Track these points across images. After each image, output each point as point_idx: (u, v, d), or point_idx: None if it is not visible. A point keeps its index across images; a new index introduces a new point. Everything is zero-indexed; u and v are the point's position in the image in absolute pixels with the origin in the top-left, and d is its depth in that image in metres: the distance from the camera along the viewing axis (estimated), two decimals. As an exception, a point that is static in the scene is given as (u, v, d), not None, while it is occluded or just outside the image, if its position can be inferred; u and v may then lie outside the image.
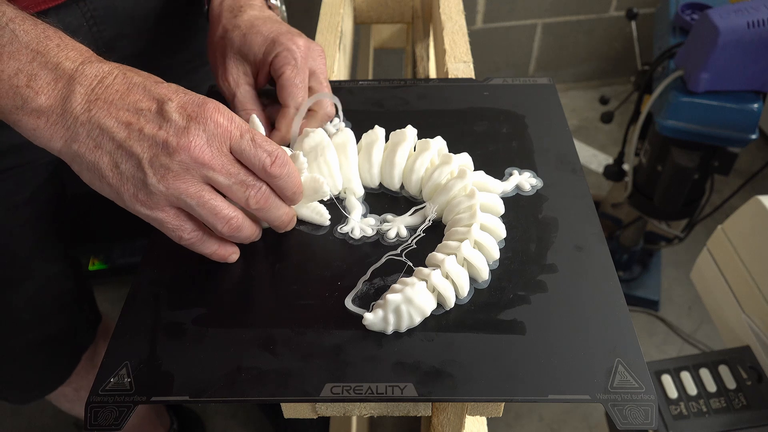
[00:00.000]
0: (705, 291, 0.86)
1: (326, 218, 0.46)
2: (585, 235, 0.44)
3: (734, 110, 0.97)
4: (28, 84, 0.36)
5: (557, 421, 1.21)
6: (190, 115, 0.38)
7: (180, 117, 0.37)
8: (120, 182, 0.38)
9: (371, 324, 0.38)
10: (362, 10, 0.86)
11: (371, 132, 0.49)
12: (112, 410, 0.35)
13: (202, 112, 0.38)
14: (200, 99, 0.39)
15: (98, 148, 0.37)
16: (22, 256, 0.70)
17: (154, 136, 0.37)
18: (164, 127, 0.37)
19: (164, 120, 0.37)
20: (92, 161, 0.37)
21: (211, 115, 0.38)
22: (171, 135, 0.37)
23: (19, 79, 0.36)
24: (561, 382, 0.35)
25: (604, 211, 1.38)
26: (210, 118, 0.38)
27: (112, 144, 0.37)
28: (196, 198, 0.38)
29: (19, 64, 0.36)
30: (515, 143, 0.51)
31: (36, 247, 0.71)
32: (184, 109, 0.38)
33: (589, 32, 1.92)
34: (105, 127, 0.37)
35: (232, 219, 0.40)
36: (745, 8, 0.89)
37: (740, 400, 0.70)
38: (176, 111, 0.38)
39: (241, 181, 0.39)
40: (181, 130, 0.37)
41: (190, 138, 0.37)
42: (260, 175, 0.40)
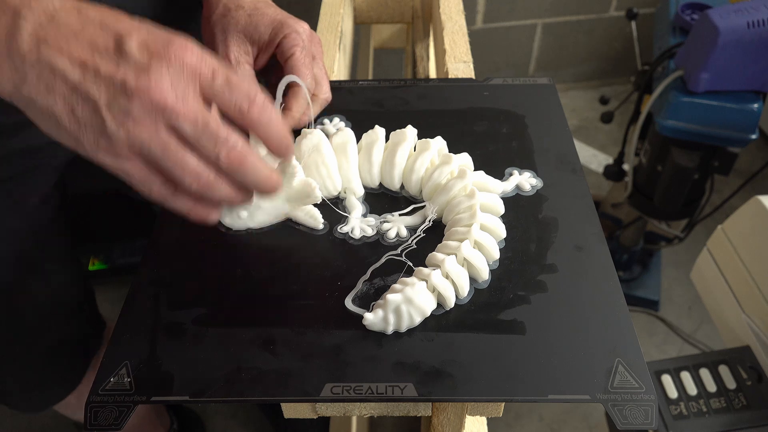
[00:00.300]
0: (705, 291, 0.86)
1: (320, 222, 0.45)
2: (585, 235, 0.44)
3: (734, 110, 0.97)
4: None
5: (557, 421, 1.21)
6: (153, 52, 0.33)
7: (141, 54, 0.33)
8: (78, 129, 0.34)
9: (371, 324, 0.38)
10: (362, 10, 0.86)
11: (371, 132, 0.49)
12: (112, 410, 0.35)
13: (166, 49, 0.33)
14: (166, 35, 0.34)
15: (51, 91, 0.33)
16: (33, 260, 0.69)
17: (111, 76, 0.33)
18: (122, 66, 0.33)
19: (123, 58, 0.33)
20: (46, 106, 0.33)
21: (177, 53, 0.33)
22: (130, 75, 0.33)
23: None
24: (561, 382, 0.35)
25: (604, 211, 1.39)
26: (175, 56, 0.33)
27: (65, 86, 0.33)
28: (159, 147, 0.34)
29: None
30: (515, 143, 0.51)
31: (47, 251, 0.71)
32: (146, 46, 0.33)
33: (589, 32, 1.92)
34: (57, 68, 0.33)
35: (202, 175, 0.36)
36: (745, 8, 0.89)
37: (740, 400, 0.70)
38: (137, 48, 0.33)
39: (211, 132, 0.34)
40: (141, 69, 0.33)
41: (151, 78, 0.33)
42: (237, 120, 0.36)
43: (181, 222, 0.46)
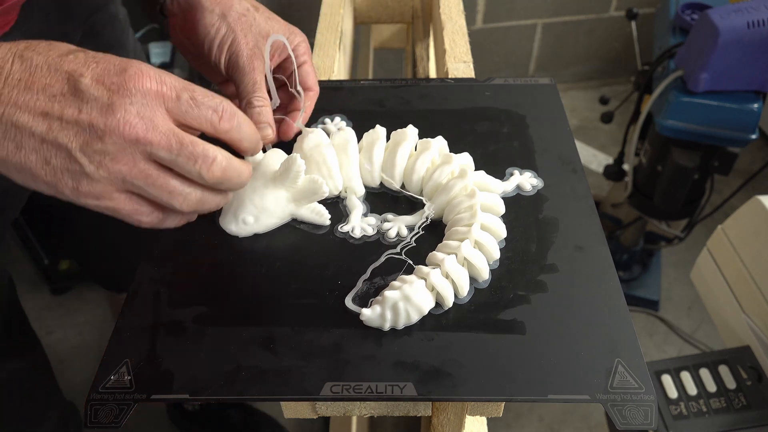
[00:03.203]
0: (705, 291, 0.86)
1: (326, 218, 0.46)
2: (585, 235, 0.44)
3: (734, 110, 0.97)
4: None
5: (557, 421, 1.21)
6: (111, 87, 0.33)
7: (99, 92, 0.33)
8: (55, 178, 0.33)
9: (368, 320, 0.38)
10: (362, 10, 0.86)
11: (372, 131, 0.49)
12: (112, 408, 0.35)
13: (123, 81, 0.33)
14: (117, 65, 0.33)
15: (20, 147, 0.33)
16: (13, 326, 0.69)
17: (76, 121, 0.32)
18: (85, 110, 0.32)
19: (82, 100, 0.32)
20: (18, 163, 0.33)
21: (136, 83, 0.33)
22: (95, 116, 0.32)
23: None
24: (561, 382, 0.35)
25: (604, 211, 1.39)
26: (135, 87, 0.33)
27: (33, 140, 0.32)
28: (143, 178, 0.34)
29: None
30: (516, 143, 0.51)
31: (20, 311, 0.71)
32: (101, 81, 0.33)
33: (589, 32, 1.92)
34: (20, 124, 0.32)
35: (189, 195, 0.36)
36: (745, 8, 0.89)
37: (740, 400, 0.70)
38: (93, 86, 0.33)
39: (187, 153, 0.34)
40: (105, 108, 0.32)
41: (117, 116, 0.32)
42: (209, 133, 0.36)
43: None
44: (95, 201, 0.35)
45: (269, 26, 0.51)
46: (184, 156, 0.34)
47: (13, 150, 0.33)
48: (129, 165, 0.34)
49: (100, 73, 0.33)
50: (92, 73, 0.33)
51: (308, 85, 0.52)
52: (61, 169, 0.33)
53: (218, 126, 0.36)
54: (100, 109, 0.33)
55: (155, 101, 0.34)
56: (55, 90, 0.33)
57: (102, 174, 0.33)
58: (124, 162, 0.33)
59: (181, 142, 0.34)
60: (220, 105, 0.36)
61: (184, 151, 0.34)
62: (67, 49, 0.34)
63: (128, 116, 0.33)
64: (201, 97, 0.35)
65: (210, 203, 0.38)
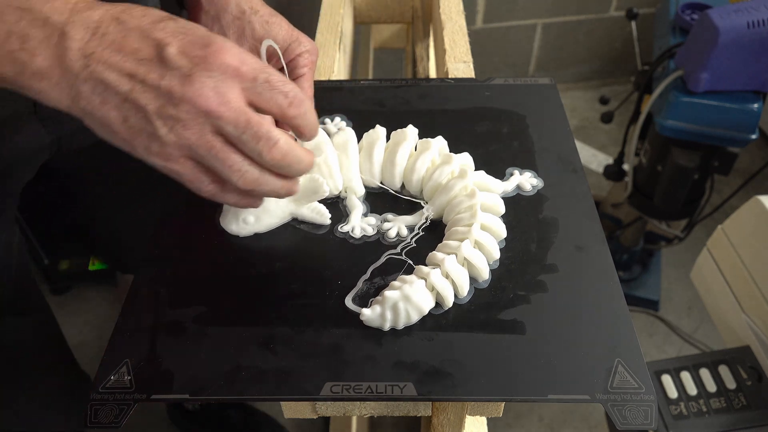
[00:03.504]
0: (705, 291, 0.86)
1: (327, 217, 0.46)
2: (585, 235, 0.44)
3: (734, 110, 0.97)
4: (22, 47, 0.34)
5: (557, 421, 1.21)
6: (193, 59, 0.35)
7: (182, 61, 0.35)
8: (131, 136, 0.36)
9: (368, 320, 0.38)
10: (362, 10, 0.86)
11: (372, 131, 0.49)
12: (113, 408, 0.35)
13: (206, 55, 0.35)
14: (203, 38, 0.35)
15: (105, 103, 0.35)
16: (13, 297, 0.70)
17: (157, 86, 0.35)
18: (167, 77, 0.35)
19: (166, 68, 0.35)
20: (101, 117, 0.35)
21: (217, 58, 0.35)
22: (175, 84, 0.34)
23: (12, 43, 0.34)
24: (561, 382, 0.35)
25: (604, 211, 1.39)
26: (216, 61, 0.35)
27: (117, 98, 0.35)
28: (206, 149, 0.36)
29: (8, 26, 0.34)
30: (516, 143, 0.51)
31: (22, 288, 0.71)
32: (186, 52, 0.35)
33: (589, 32, 1.92)
34: (108, 81, 0.35)
35: (247, 173, 0.37)
36: (745, 8, 0.89)
37: (740, 400, 0.70)
38: (177, 55, 0.35)
39: (252, 131, 0.36)
40: (184, 77, 0.34)
41: (195, 86, 0.34)
42: (277, 116, 0.38)
43: (181, 221, 0.47)
44: (162, 162, 0.37)
45: (266, 30, 0.49)
46: (249, 134, 0.36)
47: (98, 104, 0.35)
48: (197, 134, 0.35)
49: (186, 44, 0.35)
50: (179, 43, 0.35)
51: None
52: (137, 128, 0.35)
53: (286, 111, 0.37)
54: (180, 79, 0.34)
55: (232, 78, 0.35)
56: (143, 55, 0.35)
57: (171, 138, 0.35)
58: (193, 131, 0.35)
59: (248, 120, 0.36)
60: (291, 91, 0.37)
61: (249, 129, 0.36)
62: (159, 17, 0.36)
63: (204, 89, 0.34)
64: (276, 81, 0.37)
65: (269, 185, 0.39)
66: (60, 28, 0.34)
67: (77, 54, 0.34)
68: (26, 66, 0.34)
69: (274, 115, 0.38)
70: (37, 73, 0.35)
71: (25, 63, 0.34)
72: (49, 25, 0.34)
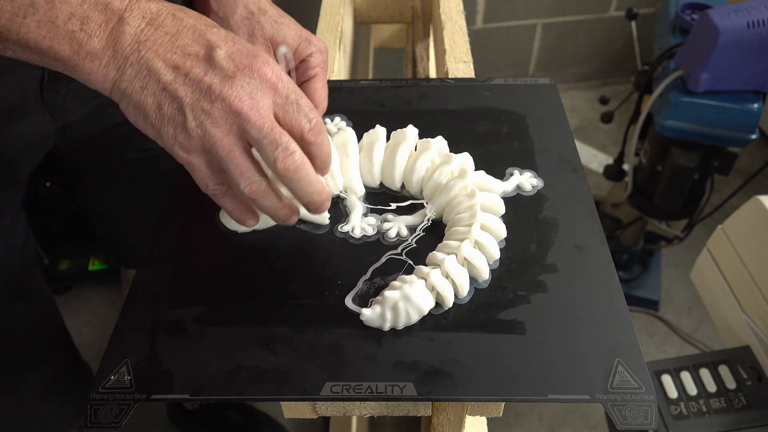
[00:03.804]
0: (705, 291, 0.86)
1: (326, 217, 0.46)
2: (585, 235, 0.44)
3: (734, 110, 0.97)
4: (81, 28, 0.36)
5: (557, 421, 1.21)
6: (239, 65, 0.37)
7: (227, 64, 0.37)
8: (161, 123, 0.37)
9: (368, 320, 0.38)
10: (362, 10, 0.86)
11: (372, 131, 0.49)
12: (112, 408, 0.35)
13: (250, 63, 0.37)
14: (251, 50, 0.38)
15: (144, 89, 0.37)
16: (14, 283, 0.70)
17: (199, 81, 0.37)
18: (210, 74, 0.37)
19: (211, 66, 0.37)
20: (138, 101, 0.37)
21: (260, 69, 0.37)
22: (216, 82, 0.37)
23: (73, 24, 0.36)
24: (561, 382, 0.35)
25: (604, 211, 1.39)
26: (258, 72, 0.37)
27: (157, 86, 0.37)
28: (227, 150, 0.37)
29: (71, 7, 0.36)
30: (516, 143, 0.51)
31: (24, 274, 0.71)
32: (233, 58, 0.37)
33: (589, 32, 1.92)
34: (153, 69, 0.36)
35: (254, 182, 0.39)
36: (745, 8, 0.89)
37: (740, 400, 0.70)
38: (224, 58, 0.37)
39: (274, 139, 0.38)
40: (226, 78, 0.37)
41: (234, 88, 0.37)
42: (296, 138, 0.39)
43: (181, 221, 0.47)
44: (184, 153, 0.38)
45: (276, 30, 0.50)
46: (270, 139, 0.37)
47: (138, 89, 0.37)
48: (223, 132, 0.37)
49: (234, 51, 0.37)
50: (228, 48, 0.37)
51: (315, 101, 0.50)
52: (168, 117, 0.37)
53: (306, 135, 0.39)
54: (222, 78, 0.37)
55: (268, 90, 0.38)
56: (192, 51, 0.37)
57: (198, 132, 0.37)
58: (221, 129, 0.37)
59: (272, 127, 0.38)
60: (315, 118, 0.40)
61: (271, 135, 0.37)
62: (212, 22, 0.39)
63: (241, 92, 0.37)
64: (304, 105, 0.39)
65: (271, 202, 0.40)
66: (119, 13, 0.36)
67: (131, 38, 0.36)
68: (82, 46, 0.36)
69: (294, 135, 0.39)
70: (90, 53, 0.36)
71: (81, 43, 0.36)
72: (110, 10, 0.36)
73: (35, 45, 0.36)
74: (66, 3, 0.35)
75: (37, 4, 0.35)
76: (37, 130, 0.60)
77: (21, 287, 0.71)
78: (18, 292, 0.70)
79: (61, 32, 0.36)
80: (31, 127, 0.60)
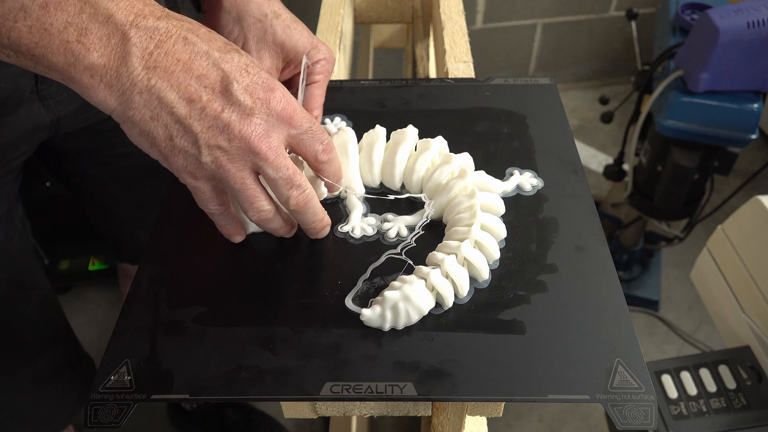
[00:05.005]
0: (705, 291, 0.86)
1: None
2: (585, 235, 0.44)
3: (734, 110, 0.97)
4: (78, 39, 0.33)
5: (557, 421, 1.21)
6: (257, 100, 0.36)
7: (246, 100, 0.36)
8: (171, 153, 0.36)
9: (368, 320, 0.38)
10: (362, 10, 0.86)
11: (372, 131, 0.49)
12: (112, 408, 0.35)
13: (268, 99, 0.37)
14: (267, 82, 0.37)
15: (155, 119, 0.35)
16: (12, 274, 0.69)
17: (216, 117, 0.36)
18: (227, 110, 0.36)
19: (228, 102, 0.36)
20: (147, 130, 0.36)
21: (278, 104, 0.37)
22: (234, 119, 0.36)
23: (69, 34, 0.33)
24: (561, 382, 0.35)
25: (604, 211, 1.39)
26: (275, 108, 0.37)
27: (170, 118, 0.35)
28: (239, 183, 0.38)
29: (68, 16, 0.33)
30: (516, 143, 0.51)
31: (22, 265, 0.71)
32: (250, 92, 0.36)
33: (589, 32, 1.92)
34: (166, 101, 0.35)
35: (263, 212, 0.39)
36: (745, 8, 0.89)
37: (740, 400, 0.70)
38: (243, 93, 0.36)
39: (288, 177, 0.38)
40: (244, 116, 0.36)
41: (252, 126, 0.36)
42: (310, 161, 0.41)
43: (181, 221, 0.47)
44: (191, 179, 0.38)
45: (288, 36, 0.50)
46: (285, 178, 0.38)
47: (147, 118, 0.35)
48: (237, 168, 0.37)
49: (251, 84, 0.37)
50: (245, 81, 0.36)
51: (309, 107, 0.51)
52: (180, 148, 0.36)
53: (320, 156, 0.40)
54: (240, 114, 0.36)
55: (285, 125, 0.38)
56: (208, 82, 0.36)
57: (212, 167, 0.37)
58: (236, 165, 0.37)
59: (287, 167, 0.38)
60: (326, 139, 0.41)
61: (286, 174, 0.38)
62: (224, 43, 0.37)
63: (260, 129, 0.36)
64: (317, 131, 0.40)
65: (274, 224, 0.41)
66: (122, 29, 0.34)
67: (139, 62, 0.34)
68: (79, 59, 0.34)
69: (308, 159, 0.41)
70: (89, 68, 0.34)
71: (78, 56, 0.34)
72: (112, 24, 0.34)
73: (27, 51, 0.34)
74: (62, 10, 0.33)
75: (30, 9, 0.33)
76: (30, 121, 0.60)
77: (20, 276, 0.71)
78: (17, 281, 0.70)
79: (55, 41, 0.33)
80: (25, 118, 0.59)
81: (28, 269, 0.73)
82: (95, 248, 1.42)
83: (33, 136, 0.63)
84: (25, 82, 0.57)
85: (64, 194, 1.24)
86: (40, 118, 0.61)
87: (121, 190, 0.80)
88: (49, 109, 0.61)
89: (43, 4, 0.33)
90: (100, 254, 1.42)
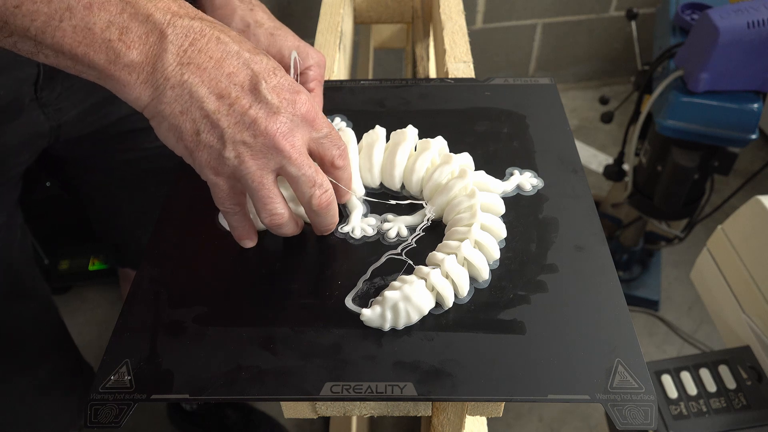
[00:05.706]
0: (705, 291, 0.86)
1: None
2: (585, 235, 0.44)
3: (734, 110, 0.97)
4: (120, 38, 0.35)
5: (557, 421, 1.21)
6: (283, 100, 0.38)
7: (272, 98, 0.37)
8: (196, 147, 0.37)
9: (369, 320, 0.38)
10: (362, 10, 0.86)
11: (372, 132, 0.49)
12: (113, 408, 0.35)
13: (294, 100, 0.38)
14: (293, 85, 0.39)
15: (184, 113, 0.37)
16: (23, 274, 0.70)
17: (243, 113, 0.37)
18: (254, 107, 0.37)
19: (256, 99, 0.37)
20: (175, 124, 0.37)
21: (302, 106, 0.38)
22: (261, 116, 0.37)
23: (111, 32, 0.35)
24: (561, 382, 0.35)
25: (604, 211, 1.39)
26: (300, 109, 0.38)
27: (199, 113, 0.36)
28: (258, 182, 0.38)
29: (110, 15, 0.35)
30: (516, 143, 0.51)
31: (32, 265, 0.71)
32: (278, 92, 0.38)
33: (589, 32, 1.92)
34: (196, 95, 0.36)
35: (276, 215, 0.40)
36: (745, 8, 0.89)
37: (740, 400, 0.70)
38: (270, 92, 0.37)
39: (310, 176, 0.39)
40: (271, 114, 0.37)
41: (277, 124, 0.37)
42: (327, 164, 0.41)
43: (181, 221, 0.47)
44: (213, 175, 0.38)
45: (271, 42, 0.50)
46: (307, 177, 0.39)
47: (177, 112, 0.37)
48: (259, 166, 0.38)
49: (278, 85, 0.38)
50: (273, 81, 0.38)
51: None
52: (205, 143, 0.37)
53: (336, 161, 0.41)
54: (267, 112, 0.37)
55: (308, 126, 0.39)
56: (238, 80, 0.37)
57: (234, 162, 0.37)
58: (258, 162, 0.38)
59: (309, 165, 0.39)
60: (343, 146, 0.42)
61: (309, 173, 0.39)
62: (252, 46, 0.39)
63: (284, 128, 0.37)
64: (335, 136, 0.41)
65: (285, 229, 0.42)
66: (160, 27, 0.35)
67: (174, 58, 0.36)
68: (120, 57, 0.35)
69: (325, 162, 0.41)
70: (128, 66, 0.35)
71: (119, 53, 0.35)
72: (151, 22, 0.35)
73: (69, 51, 0.35)
74: (105, 10, 0.35)
75: (75, 9, 0.34)
76: (30, 128, 0.60)
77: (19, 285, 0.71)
78: (16, 290, 0.71)
79: (98, 39, 0.35)
80: (25, 126, 0.60)
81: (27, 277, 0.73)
82: (95, 248, 1.42)
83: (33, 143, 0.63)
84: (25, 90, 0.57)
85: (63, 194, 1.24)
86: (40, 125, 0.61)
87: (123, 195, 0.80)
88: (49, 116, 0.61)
89: (87, 5, 0.34)
90: (100, 254, 1.42)
